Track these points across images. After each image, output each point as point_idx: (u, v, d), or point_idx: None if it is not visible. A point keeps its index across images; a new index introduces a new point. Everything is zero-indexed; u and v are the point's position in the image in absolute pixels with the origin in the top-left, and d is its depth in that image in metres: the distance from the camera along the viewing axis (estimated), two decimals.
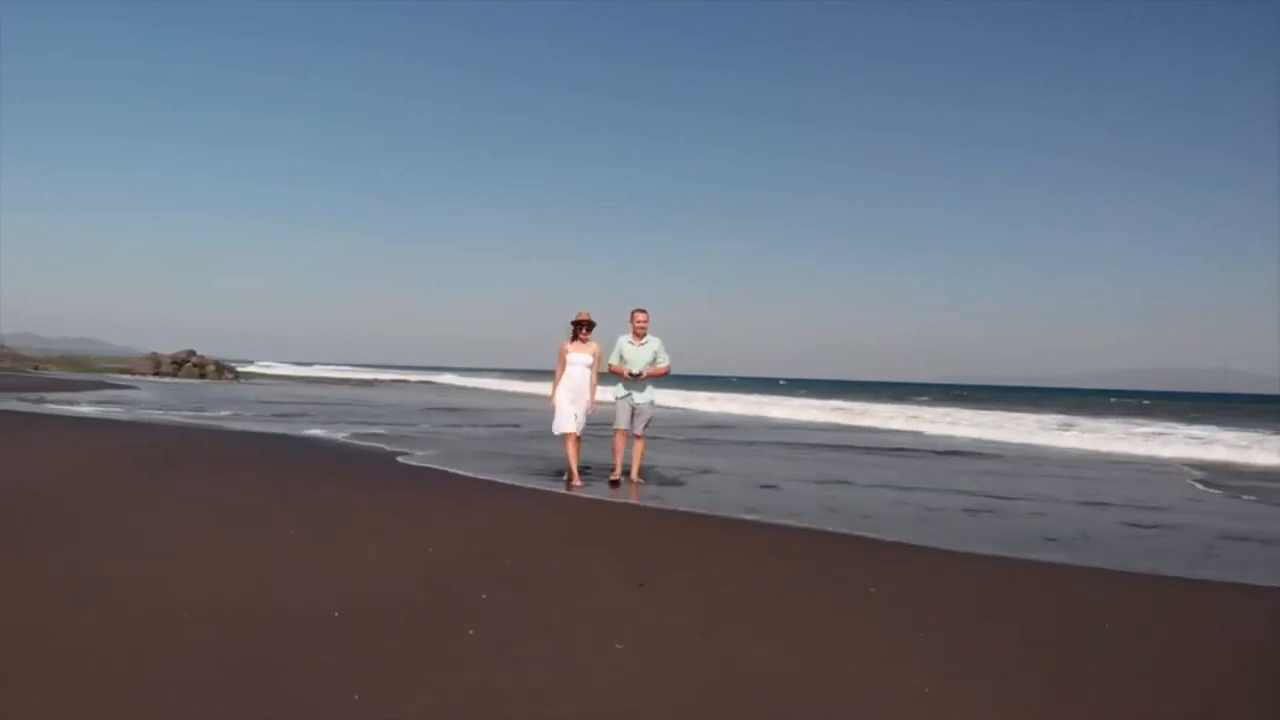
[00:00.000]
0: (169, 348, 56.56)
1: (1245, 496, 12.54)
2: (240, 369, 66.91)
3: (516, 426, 20.87)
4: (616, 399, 9.98)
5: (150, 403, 24.63)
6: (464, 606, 4.93)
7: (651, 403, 9.99)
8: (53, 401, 23.02)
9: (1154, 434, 26.29)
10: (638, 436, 9.99)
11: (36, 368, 54.93)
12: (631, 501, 9.04)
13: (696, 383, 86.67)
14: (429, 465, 11.87)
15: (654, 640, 4.44)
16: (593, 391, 9.62)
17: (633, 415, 9.84)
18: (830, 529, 8.13)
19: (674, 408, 36.25)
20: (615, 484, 9.57)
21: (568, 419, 9.57)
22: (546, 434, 10.77)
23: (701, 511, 8.63)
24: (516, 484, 10.10)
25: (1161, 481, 14.46)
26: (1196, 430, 28.58)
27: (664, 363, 9.80)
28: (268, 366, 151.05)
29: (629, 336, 9.85)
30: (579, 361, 9.56)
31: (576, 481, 9.55)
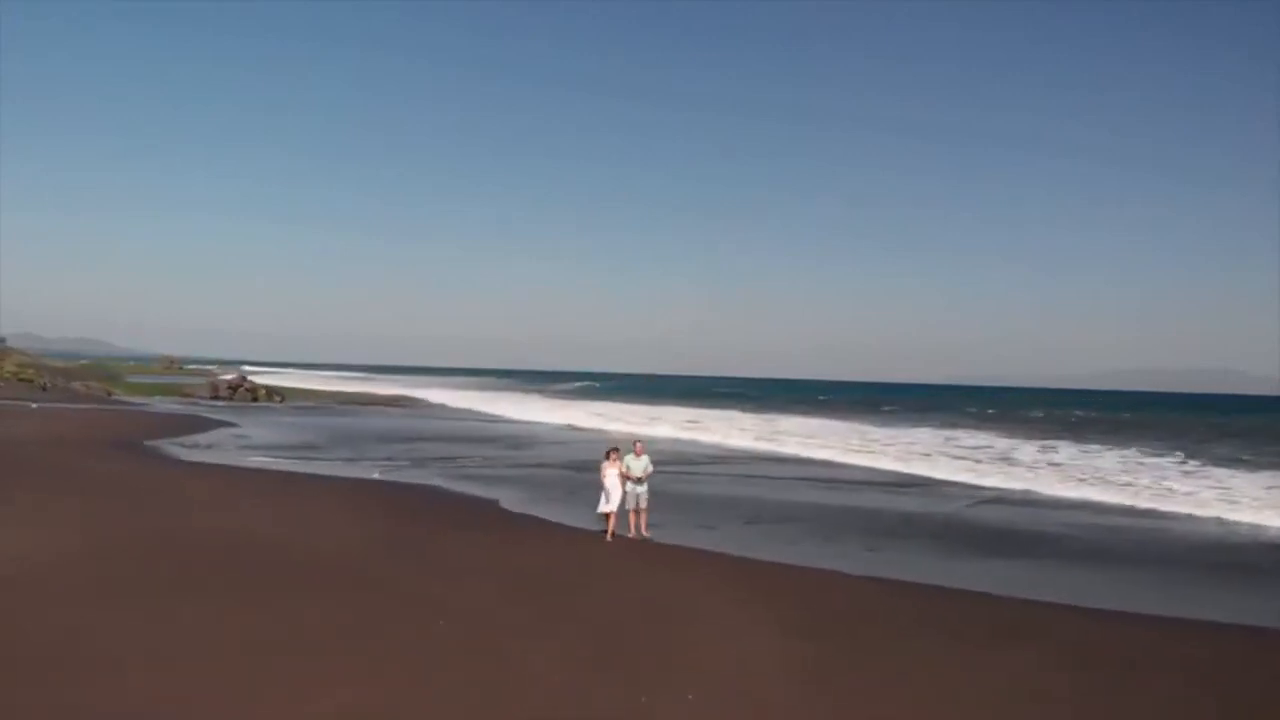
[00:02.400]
0: (169, 348, 61.07)
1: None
2: (271, 377, 70.64)
3: (540, 466, 24.90)
4: (625, 490, 14.40)
5: (288, 447, 28.85)
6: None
7: (646, 491, 14.85)
8: (201, 446, 27.03)
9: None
10: (640, 510, 14.71)
11: (91, 389, 58.73)
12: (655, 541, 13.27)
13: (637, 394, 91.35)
14: (528, 511, 16.30)
15: None
16: (622, 487, 14.45)
17: (636, 499, 14.69)
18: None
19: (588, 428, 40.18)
20: (606, 531, 14.45)
21: (603, 504, 14.55)
22: (569, 463, 14.76)
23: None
24: (582, 526, 14.32)
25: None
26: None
27: (650, 470, 14.97)
28: (282, 372, 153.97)
29: (633, 455, 14.96)
30: (610, 474, 14.62)
31: (609, 536, 14.39)
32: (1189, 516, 19.30)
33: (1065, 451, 36.18)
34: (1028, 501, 21.49)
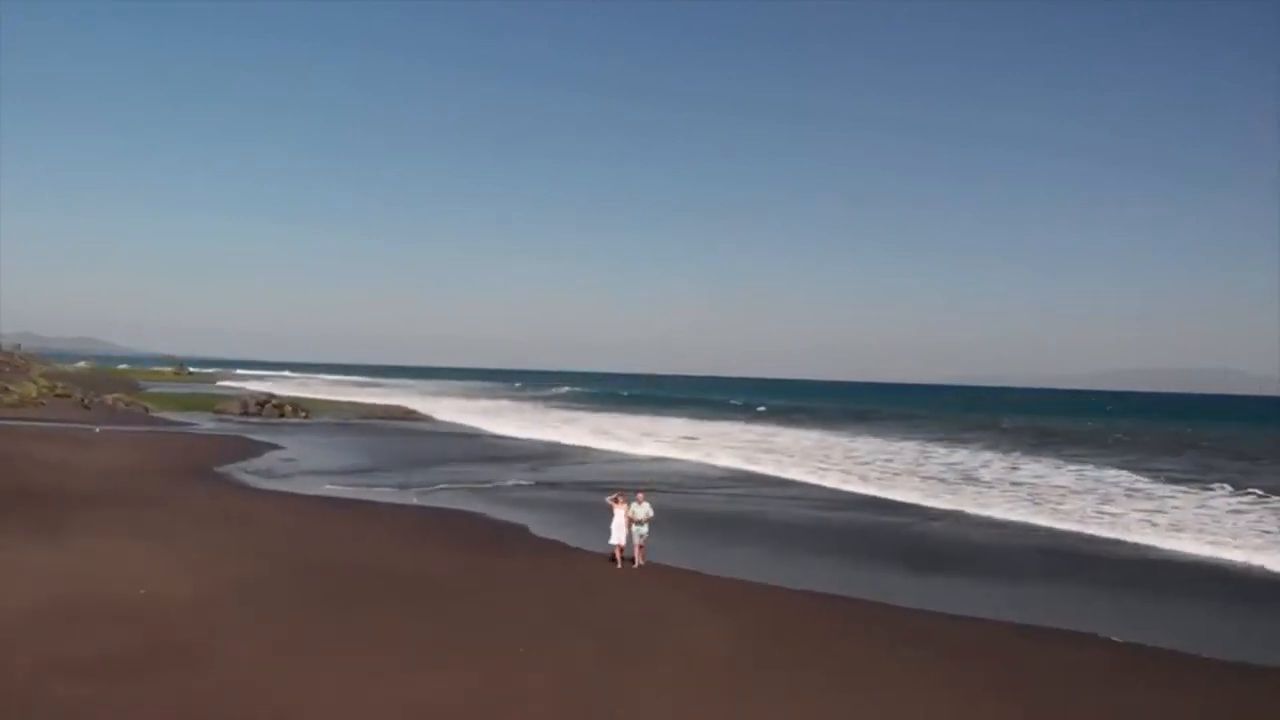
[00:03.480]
0: (168, 348, 65.15)
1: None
2: (276, 384, 74.49)
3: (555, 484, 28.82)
4: (630, 530, 18.37)
5: (337, 472, 33.07)
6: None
7: (647, 531, 18.55)
8: (263, 472, 31.09)
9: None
10: (639, 546, 18.43)
11: (130, 405, 62.67)
12: (651, 565, 17.18)
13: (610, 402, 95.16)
14: (553, 538, 20.46)
15: None
16: (627, 528, 18.12)
17: (639, 537, 18.42)
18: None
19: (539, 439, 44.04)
20: (612, 558, 18.28)
21: (613, 538, 18.33)
22: (582, 484, 18.63)
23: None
24: (596, 550, 18.35)
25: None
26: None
27: (650, 515, 18.61)
28: (286, 377, 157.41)
29: (636, 503, 18.66)
30: (618, 514, 18.46)
31: (618, 564, 17.96)
32: (1101, 539, 23.22)
33: (1029, 469, 40.08)
34: (972, 523, 25.45)
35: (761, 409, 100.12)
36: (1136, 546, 22.26)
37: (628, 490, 19.30)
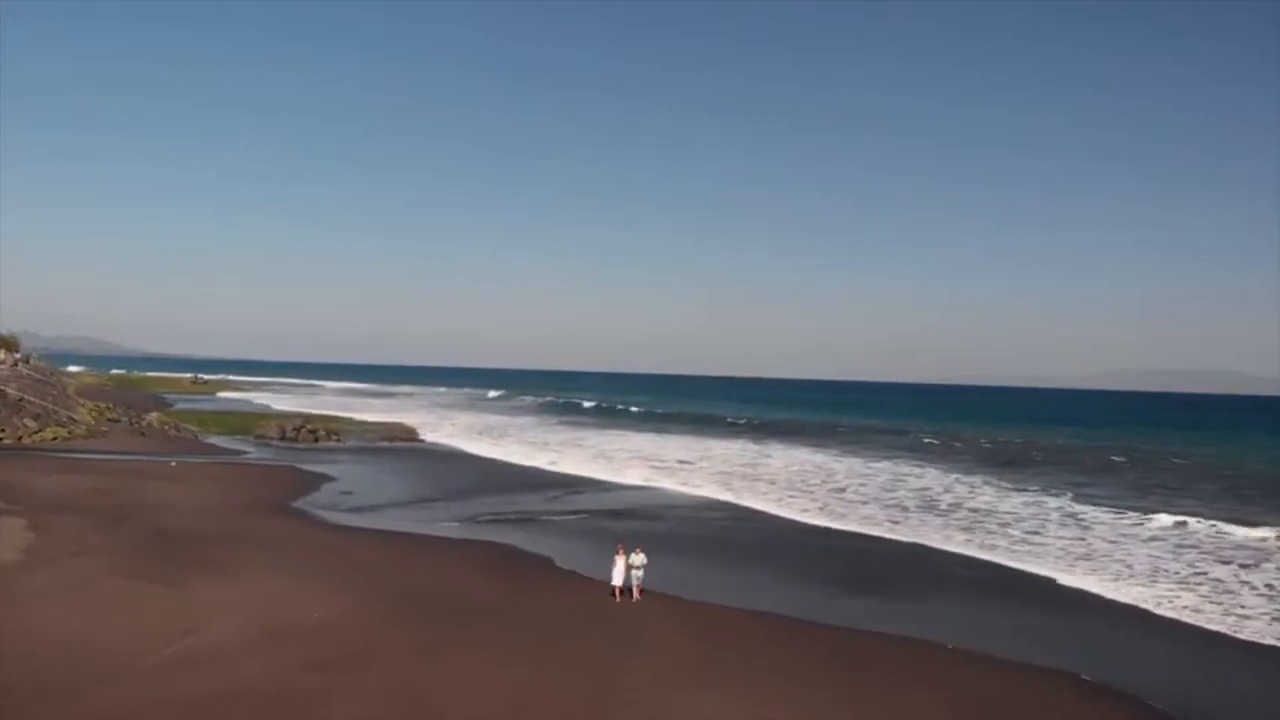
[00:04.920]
0: (168, 347, 72.29)
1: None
2: (276, 394, 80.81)
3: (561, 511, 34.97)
4: (629, 573, 24.61)
5: (395, 505, 39.20)
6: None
7: (642, 574, 24.70)
8: (332, 507, 37.15)
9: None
10: (636, 584, 24.58)
11: (171, 428, 68.97)
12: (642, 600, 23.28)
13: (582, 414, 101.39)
14: (570, 568, 26.39)
15: None
16: (626, 572, 24.25)
17: (635, 579, 24.55)
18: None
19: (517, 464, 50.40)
20: (613, 594, 24.51)
21: (615, 580, 24.47)
22: (596, 511, 24.59)
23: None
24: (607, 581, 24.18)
25: None
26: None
27: (645, 562, 24.71)
28: (291, 384, 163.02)
29: (635, 553, 24.79)
30: (619, 561, 24.69)
31: (618, 598, 24.17)
32: (1003, 567, 29.49)
33: (983, 497, 46.01)
34: (905, 555, 32.01)
35: (744, 421, 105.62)
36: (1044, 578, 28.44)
37: (627, 541, 25.58)
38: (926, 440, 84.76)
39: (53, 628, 17.70)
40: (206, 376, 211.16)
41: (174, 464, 47.37)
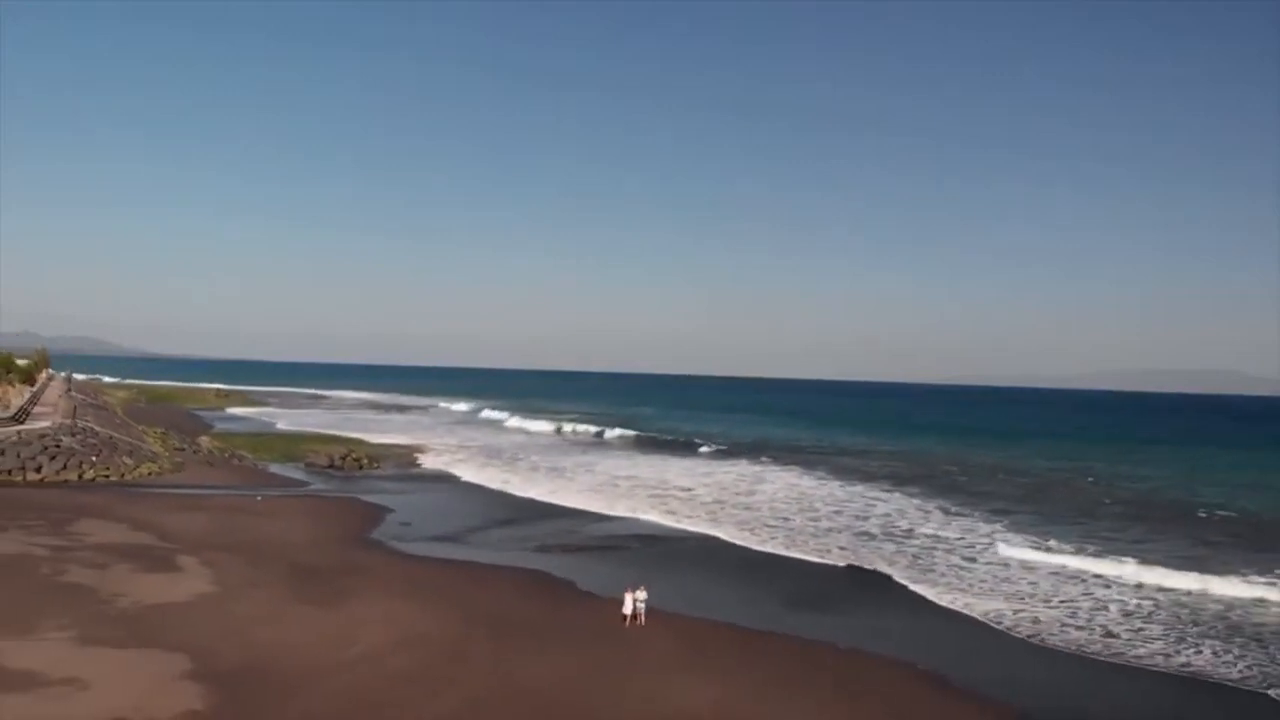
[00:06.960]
0: (168, 347, 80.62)
1: None
2: (281, 411, 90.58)
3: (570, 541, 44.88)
4: (635, 605, 34.00)
5: (446, 538, 48.91)
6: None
7: (645, 607, 34.10)
8: (401, 539, 47.06)
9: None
10: (640, 613, 34.11)
11: (233, 456, 78.94)
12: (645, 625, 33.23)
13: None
14: (589, 589, 36.22)
15: None
16: (632, 606, 33.84)
17: (640, 609, 34.08)
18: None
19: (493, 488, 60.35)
20: (623, 620, 34.08)
21: (625, 609, 34.13)
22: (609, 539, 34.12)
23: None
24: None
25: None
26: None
27: (646, 597, 34.22)
28: (296, 392, 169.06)
29: (640, 590, 34.15)
30: (628, 598, 34.18)
31: (627, 624, 33.96)
32: (907, 591, 39.12)
33: (933, 523, 55.37)
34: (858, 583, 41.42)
35: (749, 440, 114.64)
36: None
37: (635, 581, 35.17)
38: (910, 463, 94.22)
39: (275, 643, 27.43)
40: (224, 388, 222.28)
41: (259, 498, 57.14)
